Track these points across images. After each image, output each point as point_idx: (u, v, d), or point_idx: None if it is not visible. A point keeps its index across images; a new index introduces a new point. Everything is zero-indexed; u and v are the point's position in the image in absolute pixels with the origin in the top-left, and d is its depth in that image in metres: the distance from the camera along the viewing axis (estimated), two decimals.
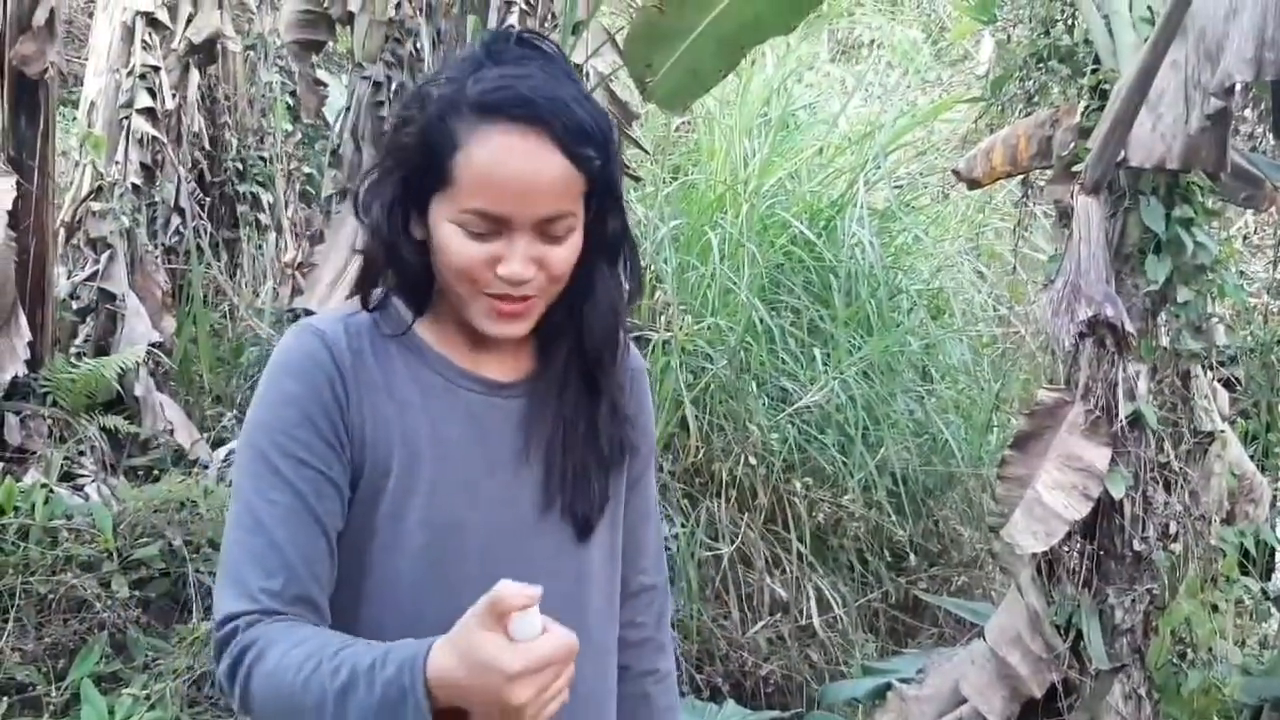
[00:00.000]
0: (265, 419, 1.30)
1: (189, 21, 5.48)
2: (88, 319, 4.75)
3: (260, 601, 1.23)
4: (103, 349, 4.65)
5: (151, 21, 5.36)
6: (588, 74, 4.65)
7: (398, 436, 1.32)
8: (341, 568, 1.31)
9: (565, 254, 1.30)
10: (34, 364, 4.20)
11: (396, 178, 1.31)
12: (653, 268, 4.76)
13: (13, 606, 3.52)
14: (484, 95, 1.25)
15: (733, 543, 4.31)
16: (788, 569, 4.31)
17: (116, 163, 5.22)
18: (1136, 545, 2.82)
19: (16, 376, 4.04)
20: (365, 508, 1.31)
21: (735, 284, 4.69)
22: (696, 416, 4.44)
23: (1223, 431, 2.92)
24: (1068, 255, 2.47)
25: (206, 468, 4.40)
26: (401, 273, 1.34)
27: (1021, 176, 4.63)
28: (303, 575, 1.26)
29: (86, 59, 5.89)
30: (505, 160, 1.24)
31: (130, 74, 5.33)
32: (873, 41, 9.84)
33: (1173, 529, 2.84)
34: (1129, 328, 2.44)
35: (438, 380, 1.36)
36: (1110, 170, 2.70)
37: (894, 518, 4.55)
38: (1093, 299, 2.37)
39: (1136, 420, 2.77)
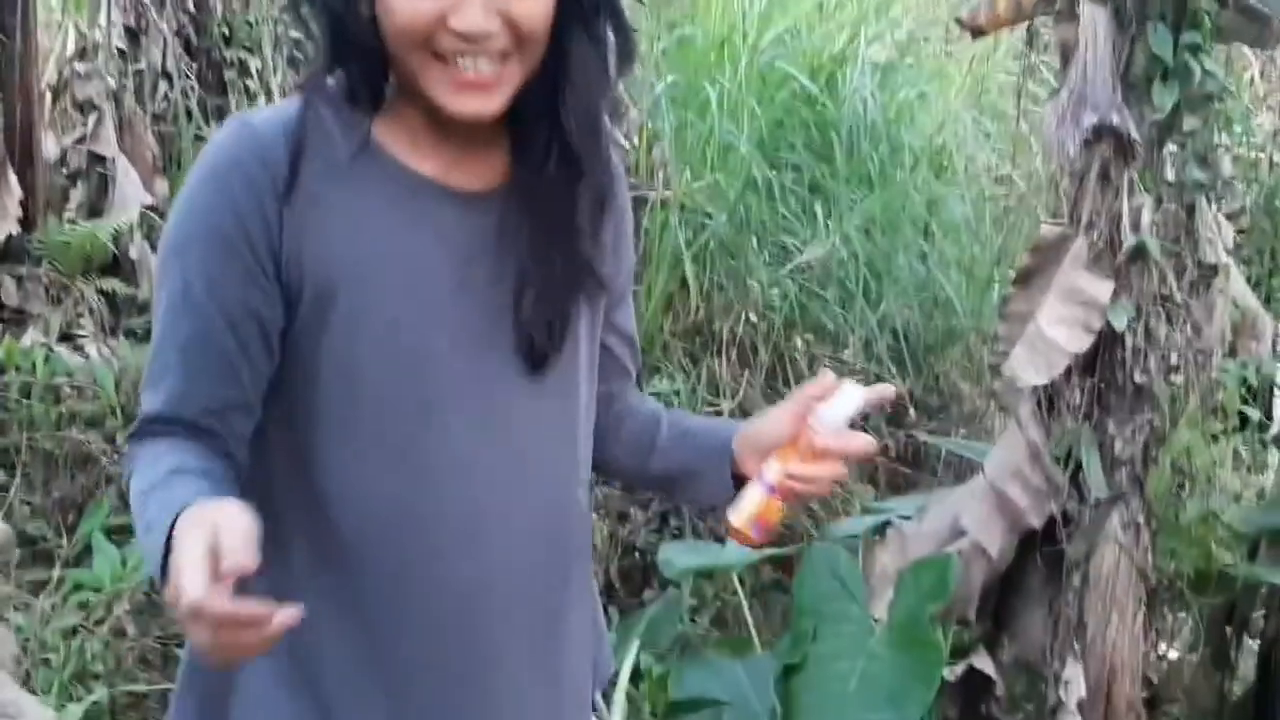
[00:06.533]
0: (181, 234, 1.16)
1: None
2: (78, 182, 4.70)
3: (156, 414, 1.17)
4: (95, 212, 4.61)
5: None
6: None
7: (348, 255, 1.15)
8: (284, 427, 1.19)
9: (533, 4, 1.11)
10: (27, 226, 4.17)
11: None
12: (649, 125, 4.68)
13: (19, 463, 3.55)
14: None
15: (734, 399, 4.33)
16: None
17: (99, 26, 5.10)
18: (1138, 377, 2.81)
19: (10, 237, 4.02)
20: (308, 339, 1.16)
21: (735, 139, 4.62)
22: (696, 275, 4.41)
23: (1226, 264, 2.90)
24: (1073, 65, 2.41)
25: None
26: (353, 55, 1.15)
27: (1026, 25, 4.53)
28: (193, 403, 1.16)
29: None
30: None
31: None
32: None
33: (1174, 361, 2.84)
34: (1135, 135, 2.39)
35: (400, 191, 1.18)
36: None
37: (894, 372, 4.55)
38: (1098, 105, 2.32)
39: (1140, 252, 2.75)
